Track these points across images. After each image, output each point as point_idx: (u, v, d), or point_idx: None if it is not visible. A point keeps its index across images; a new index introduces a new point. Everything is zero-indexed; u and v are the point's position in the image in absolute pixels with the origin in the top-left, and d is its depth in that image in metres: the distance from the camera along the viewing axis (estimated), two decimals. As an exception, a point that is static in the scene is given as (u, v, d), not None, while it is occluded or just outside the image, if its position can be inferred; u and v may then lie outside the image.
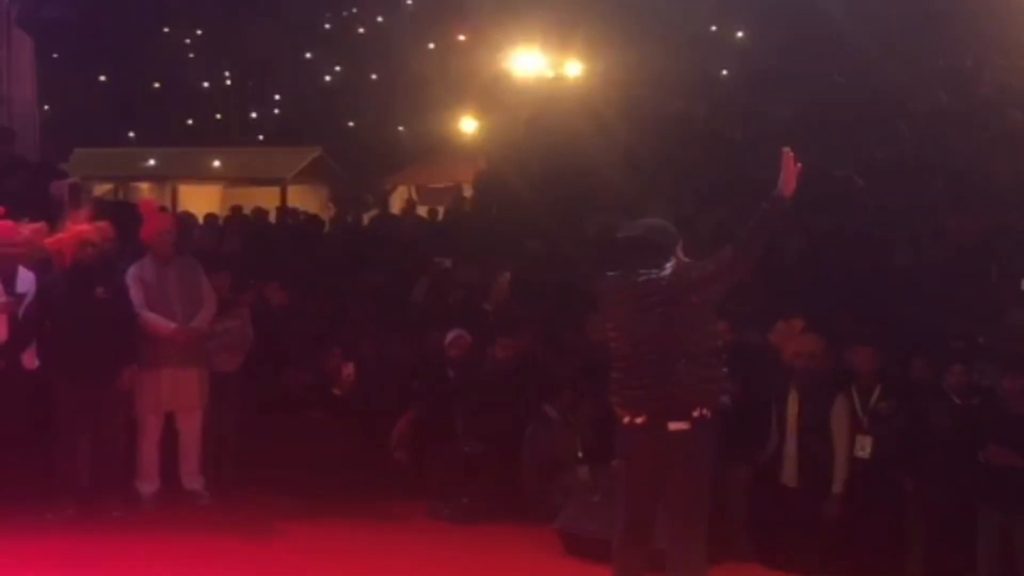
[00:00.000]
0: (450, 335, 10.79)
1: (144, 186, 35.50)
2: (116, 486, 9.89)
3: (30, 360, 9.90)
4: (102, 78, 40.54)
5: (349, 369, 10.53)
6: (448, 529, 9.65)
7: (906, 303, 10.69)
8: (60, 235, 10.32)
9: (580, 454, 9.82)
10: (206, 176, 35.43)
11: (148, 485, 10.17)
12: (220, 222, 19.05)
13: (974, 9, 18.12)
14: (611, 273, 6.81)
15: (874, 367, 9.19)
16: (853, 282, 11.26)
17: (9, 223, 10.12)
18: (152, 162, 36.18)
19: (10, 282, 9.84)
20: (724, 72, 25.58)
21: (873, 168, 14.41)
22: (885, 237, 12.26)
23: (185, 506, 10.10)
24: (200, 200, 30.18)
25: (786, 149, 6.55)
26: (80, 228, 10.21)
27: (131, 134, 40.15)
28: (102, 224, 10.39)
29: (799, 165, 6.53)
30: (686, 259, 6.74)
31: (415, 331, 11.53)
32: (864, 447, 8.98)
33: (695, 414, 6.49)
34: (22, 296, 9.79)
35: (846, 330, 9.80)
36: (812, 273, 11.75)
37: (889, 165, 14.22)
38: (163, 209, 12.31)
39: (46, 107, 36.31)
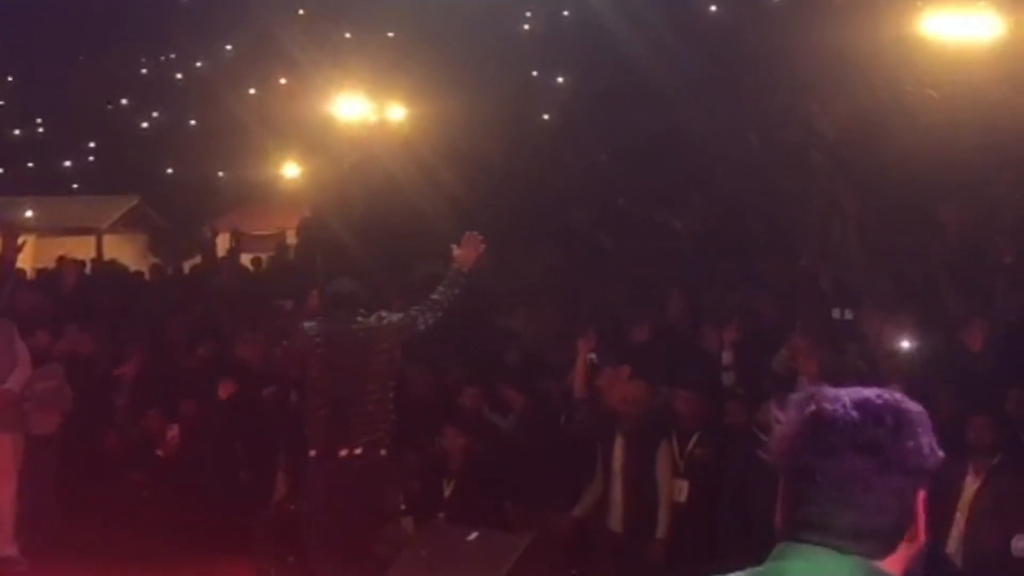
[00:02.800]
0: (267, 391, 10.67)
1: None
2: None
3: None
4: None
5: (174, 431, 10.34)
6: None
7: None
8: None
9: (403, 506, 9.78)
10: (19, 226, 34.47)
11: (-38, 556, 9.82)
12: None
13: (782, 52, 18.71)
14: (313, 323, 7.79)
15: (693, 411, 9.33)
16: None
17: None
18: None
19: None
20: (545, 117, 25.91)
21: (691, 211, 14.70)
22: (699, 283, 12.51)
23: (0, 573, 9.77)
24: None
25: (473, 233, 8.09)
26: None
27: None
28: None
29: (482, 247, 8.01)
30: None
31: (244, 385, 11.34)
32: (681, 492, 9.10)
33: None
34: None
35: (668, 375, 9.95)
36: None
37: (706, 208, 14.53)
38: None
39: None
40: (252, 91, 37.37)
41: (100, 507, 10.17)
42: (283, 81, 37.46)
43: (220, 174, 39.28)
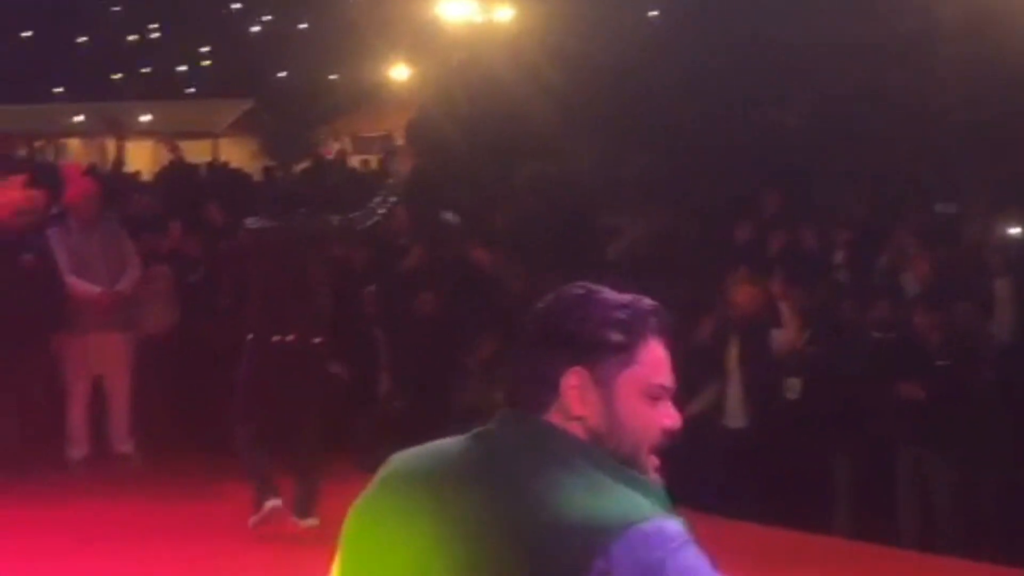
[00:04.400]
0: (367, 292, 10.80)
1: (74, 142, 35.12)
2: (46, 452, 9.88)
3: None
4: (27, 34, 39.97)
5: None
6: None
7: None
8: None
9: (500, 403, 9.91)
10: (137, 131, 35.06)
11: (77, 450, 10.16)
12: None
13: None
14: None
15: (805, 309, 9.37)
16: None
17: None
18: (81, 118, 35.74)
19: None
20: (652, 14, 25.54)
21: (797, 108, 14.49)
22: (809, 170, 12.38)
23: (116, 469, 10.09)
24: (131, 156, 29.84)
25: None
26: (13, 195, 10.13)
27: (59, 90, 39.65)
28: (35, 192, 10.33)
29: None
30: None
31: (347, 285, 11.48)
32: (794, 388, 9.13)
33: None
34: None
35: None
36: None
37: (813, 106, 14.31)
38: (87, 172, 12.20)
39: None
40: (360, -8, 37.35)
41: (210, 404, 10.38)
42: (392, -18, 37.40)
43: (331, 77, 39.43)
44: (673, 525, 1.97)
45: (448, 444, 2.19)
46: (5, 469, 9.66)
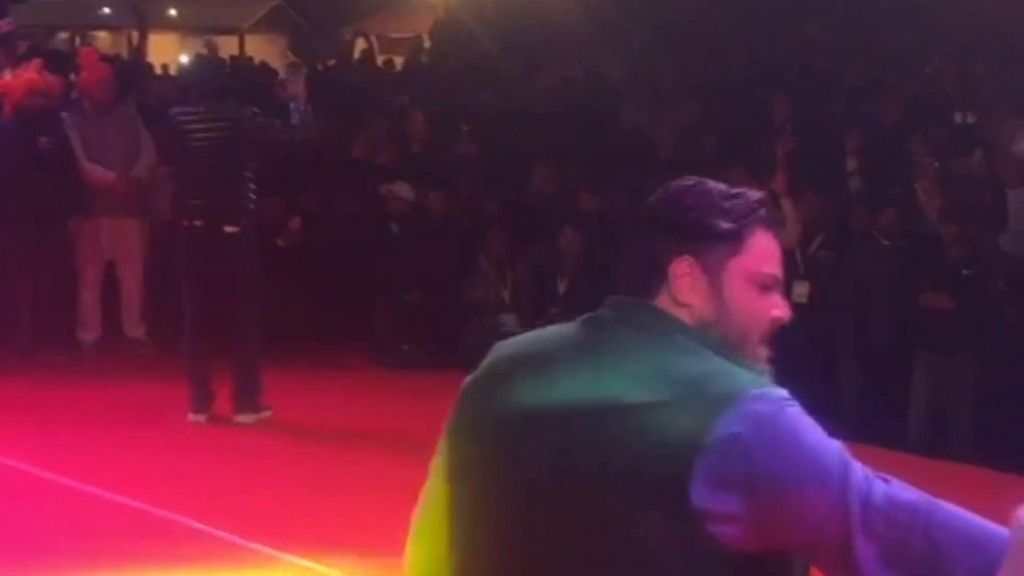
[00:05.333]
0: (386, 189, 10.78)
1: (101, 35, 34.97)
2: (58, 335, 9.95)
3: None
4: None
5: (296, 222, 10.51)
6: (390, 375, 9.77)
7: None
8: (5, 80, 10.26)
9: (507, 302, 9.96)
10: (163, 25, 34.87)
11: (89, 333, 10.24)
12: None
13: None
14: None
15: (818, 215, 9.34)
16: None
17: None
18: (107, 10, 35.56)
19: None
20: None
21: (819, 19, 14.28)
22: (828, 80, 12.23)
23: (127, 354, 10.17)
24: (157, 49, 29.75)
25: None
26: (29, 76, 10.14)
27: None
28: (51, 76, 10.33)
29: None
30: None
31: (366, 179, 11.46)
32: (802, 293, 9.11)
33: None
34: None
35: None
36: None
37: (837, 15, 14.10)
38: (104, 58, 12.16)
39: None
40: None
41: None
42: None
43: (361, -25, 39.03)
44: (784, 392, 2.00)
45: (553, 329, 2.17)
46: (19, 351, 9.76)
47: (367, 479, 7.26)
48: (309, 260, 10.62)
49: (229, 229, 8.23)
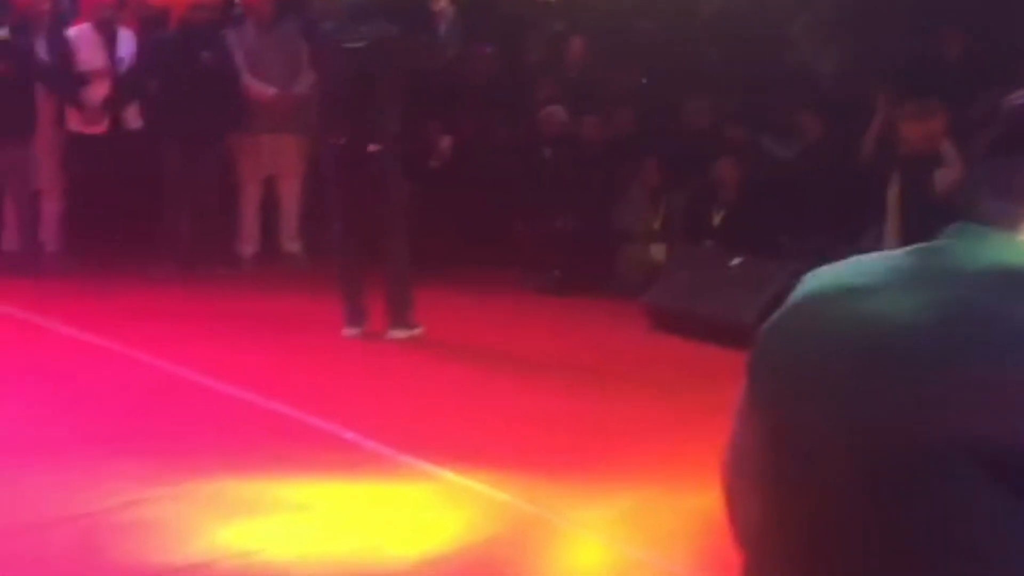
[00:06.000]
0: (544, 112, 10.73)
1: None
2: (217, 247, 10.15)
3: (133, 119, 10.10)
4: None
5: (446, 142, 10.51)
6: (539, 299, 9.78)
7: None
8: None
9: (656, 231, 9.89)
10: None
11: (248, 246, 10.42)
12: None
13: None
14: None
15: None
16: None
17: None
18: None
19: (111, 44, 9.97)
20: None
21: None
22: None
23: (284, 268, 10.34)
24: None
25: None
26: (192, -9, 10.29)
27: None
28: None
29: None
30: None
31: (520, 103, 11.41)
32: None
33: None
34: (121, 60, 9.94)
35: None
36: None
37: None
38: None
39: None
40: None
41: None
42: None
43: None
44: None
45: (875, 258, 1.79)
46: (179, 262, 9.98)
47: (512, 399, 7.30)
48: (461, 182, 10.64)
49: (372, 147, 8.28)
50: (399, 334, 8.40)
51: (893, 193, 9.09)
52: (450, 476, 6.04)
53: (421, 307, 8.55)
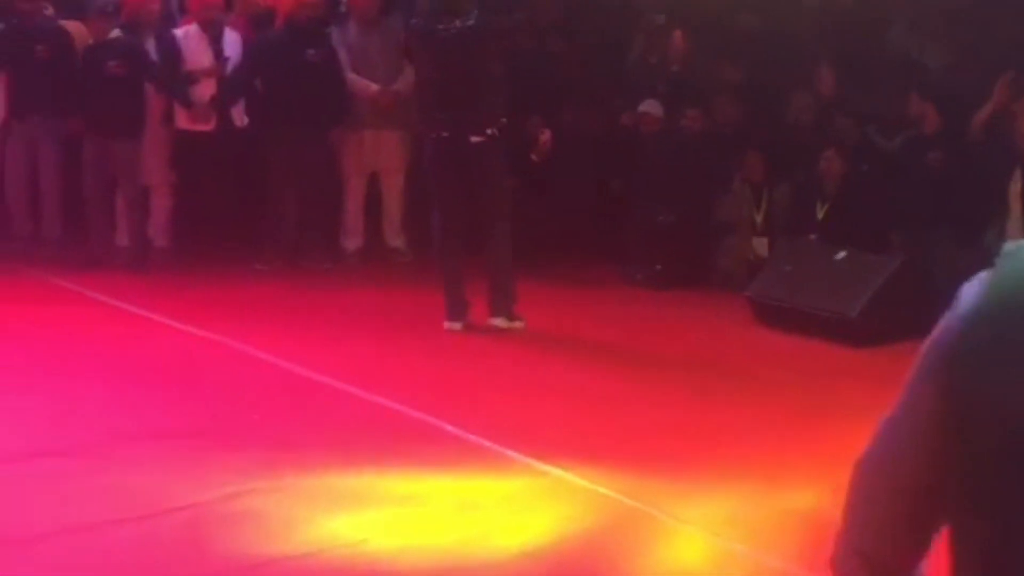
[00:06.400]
0: (642, 106, 10.68)
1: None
2: (322, 242, 10.27)
3: (239, 117, 10.25)
4: None
5: (546, 135, 10.47)
6: (641, 294, 9.76)
7: None
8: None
9: (758, 224, 9.81)
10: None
11: (352, 241, 10.52)
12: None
13: None
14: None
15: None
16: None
17: None
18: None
19: (217, 43, 10.13)
20: None
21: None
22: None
23: (388, 262, 10.42)
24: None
25: None
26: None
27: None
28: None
29: None
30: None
31: (621, 97, 11.37)
32: None
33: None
34: (227, 60, 10.09)
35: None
36: None
37: None
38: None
39: None
40: None
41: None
42: None
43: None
44: None
45: None
46: (284, 256, 10.11)
47: (614, 394, 7.29)
48: (561, 175, 10.63)
49: (474, 139, 8.27)
50: (500, 323, 8.42)
51: (1015, 190, 8.90)
52: (552, 470, 6.05)
53: (522, 301, 8.57)
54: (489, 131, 8.33)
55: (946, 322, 1.58)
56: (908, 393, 1.61)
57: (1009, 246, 1.59)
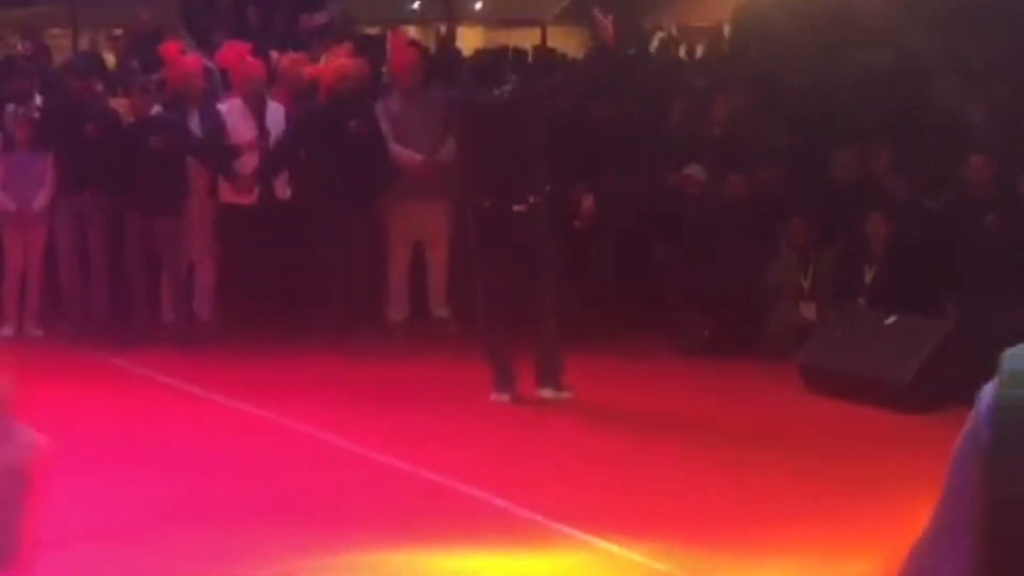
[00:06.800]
0: (686, 170, 10.63)
1: (410, 28, 35.86)
2: (367, 313, 10.24)
3: (282, 189, 10.28)
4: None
5: (589, 201, 10.44)
6: (689, 361, 9.65)
7: None
8: (320, 66, 10.63)
9: (806, 289, 9.72)
10: (469, 17, 35.52)
11: (398, 312, 10.48)
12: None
13: None
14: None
15: None
16: None
17: (256, 60, 10.48)
18: (416, 5, 36.50)
19: (260, 116, 10.18)
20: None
21: None
22: None
23: (433, 333, 10.36)
24: (464, 41, 30.32)
25: (596, 11, 8.78)
26: (340, 62, 10.48)
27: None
28: (360, 60, 10.64)
29: (609, 19, 8.63)
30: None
31: (663, 162, 11.33)
32: None
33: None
34: (269, 132, 10.15)
35: None
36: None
37: None
38: (412, 43, 12.43)
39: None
40: None
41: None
42: None
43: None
44: None
45: None
46: (330, 328, 10.08)
47: (665, 465, 7.20)
48: (605, 241, 10.58)
49: (517, 208, 8.23)
50: (549, 394, 8.35)
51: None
52: (606, 545, 5.96)
53: (570, 371, 8.49)
54: (532, 199, 8.27)
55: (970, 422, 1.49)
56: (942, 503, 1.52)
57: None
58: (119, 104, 10.62)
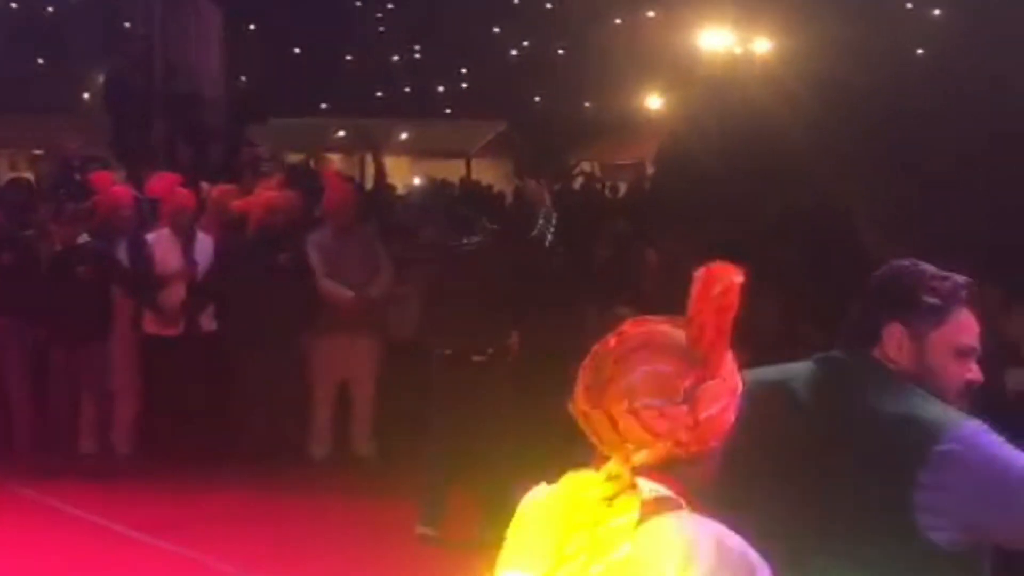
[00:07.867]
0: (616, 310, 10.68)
1: (334, 157, 36.10)
2: (289, 448, 10.12)
3: (208, 322, 10.20)
4: (296, 50, 41.36)
5: (513, 339, 10.43)
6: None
7: None
8: (248, 199, 10.64)
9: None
10: (394, 148, 35.83)
11: (320, 448, 10.38)
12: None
13: None
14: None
15: None
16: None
17: (186, 191, 10.49)
18: (342, 133, 36.76)
19: (188, 248, 10.15)
20: (919, 51, 24.83)
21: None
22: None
23: (355, 470, 10.26)
24: (390, 171, 30.53)
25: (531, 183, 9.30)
26: (269, 195, 10.50)
27: (323, 105, 40.84)
28: (290, 193, 10.66)
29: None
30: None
31: (590, 302, 11.38)
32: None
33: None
34: (196, 263, 10.11)
35: None
36: None
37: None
38: (347, 180, 12.49)
39: (242, 78, 37.33)
40: (619, 21, 37.44)
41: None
42: (650, 14, 37.35)
43: (585, 104, 39.61)
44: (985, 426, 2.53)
45: (792, 366, 2.82)
46: (251, 462, 9.95)
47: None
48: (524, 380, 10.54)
49: (477, 358, 8.23)
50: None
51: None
52: None
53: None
54: (490, 350, 8.29)
55: None
56: None
57: None
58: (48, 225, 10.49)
